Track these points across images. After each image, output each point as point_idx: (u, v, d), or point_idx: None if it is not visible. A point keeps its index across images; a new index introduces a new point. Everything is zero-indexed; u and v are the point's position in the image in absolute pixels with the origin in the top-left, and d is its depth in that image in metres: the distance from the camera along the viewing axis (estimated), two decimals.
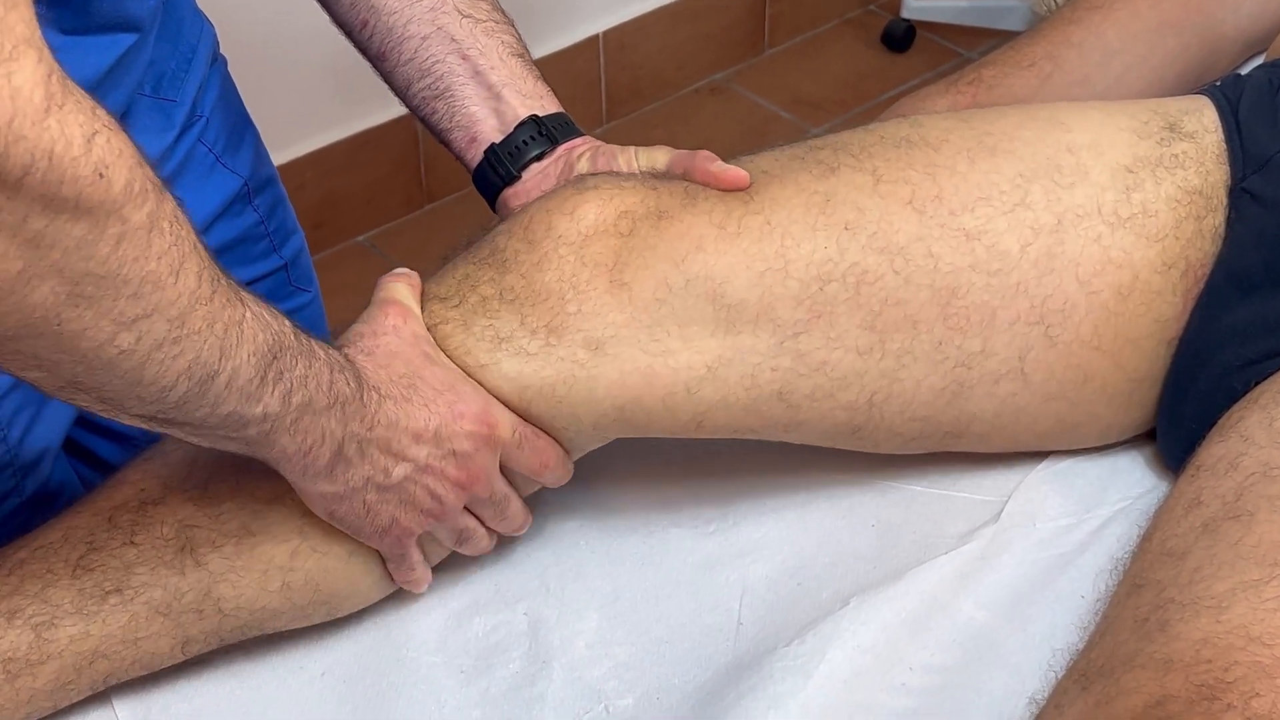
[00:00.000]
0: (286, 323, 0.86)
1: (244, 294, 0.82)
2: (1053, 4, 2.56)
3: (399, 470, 0.94)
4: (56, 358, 0.74)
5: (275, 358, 0.83)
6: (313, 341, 0.88)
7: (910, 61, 2.72)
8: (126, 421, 0.82)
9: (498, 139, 1.11)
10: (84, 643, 0.95)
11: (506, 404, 0.98)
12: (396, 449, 0.93)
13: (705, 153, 1.05)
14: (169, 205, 0.75)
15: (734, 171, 1.03)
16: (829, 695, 0.95)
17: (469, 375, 0.98)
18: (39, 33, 0.67)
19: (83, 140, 0.68)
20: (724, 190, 1.02)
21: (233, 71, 1.24)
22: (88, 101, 0.69)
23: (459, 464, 0.96)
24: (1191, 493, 0.96)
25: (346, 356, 0.92)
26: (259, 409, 0.84)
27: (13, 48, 0.65)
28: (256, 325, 0.82)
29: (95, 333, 0.73)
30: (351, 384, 0.90)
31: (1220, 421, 1.01)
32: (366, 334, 0.97)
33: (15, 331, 0.72)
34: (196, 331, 0.77)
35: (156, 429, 0.83)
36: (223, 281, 0.80)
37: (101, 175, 0.69)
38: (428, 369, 0.96)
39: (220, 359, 0.79)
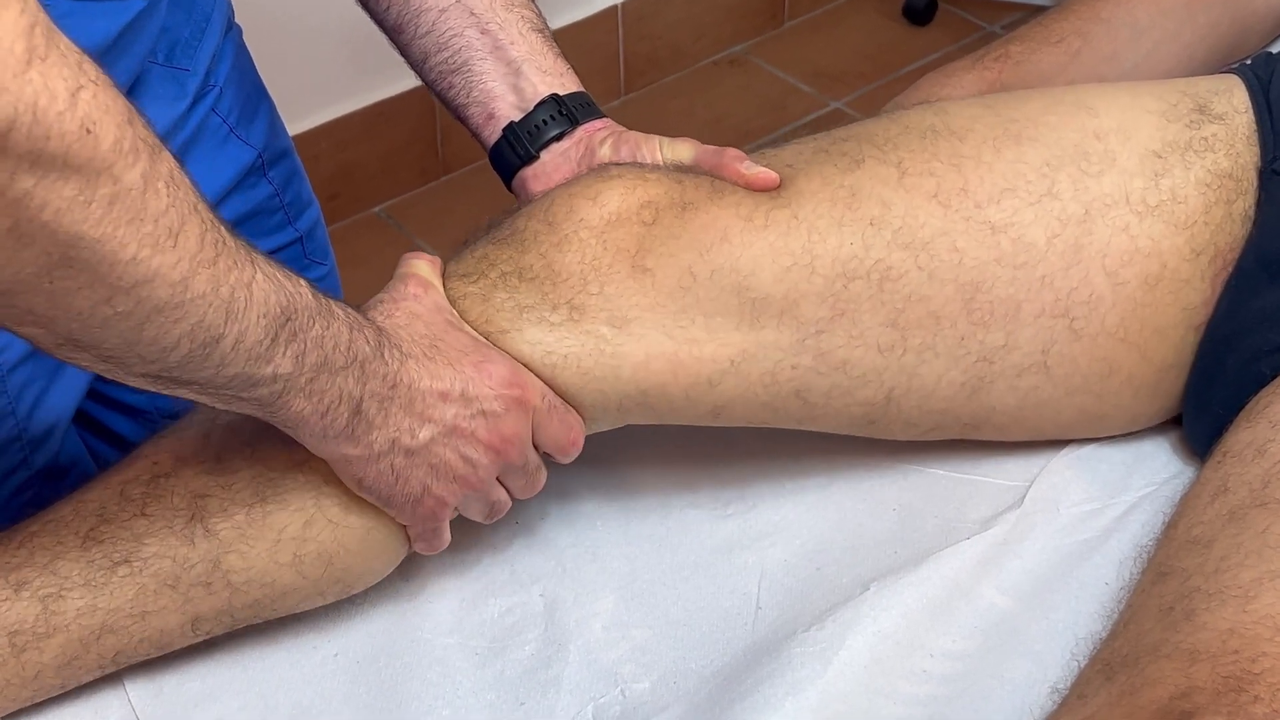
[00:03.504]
0: (303, 283, 0.85)
1: (256, 255, 0.82)
2: None
3: (425, 432, 0.92)
4: (51, 314, 0.74)
5: (288, 319, 0.83)
6: (332, 302, 0.87)
7: (931, 34, 2.72)
8: (130, 382, 0.81)
9: (516, 117, 1.10)
10: (91, 616, 0.94)
11: (531, 370, 0.97)
12: (420, 409, 0.92)
13: (734, 151, 1.04)
14: (165, 165, 0.74)
15: (765, 173, 1.02)
16: (848, 681, 0.95)
17: (493, 343, 0.97)
18: None
19: (67, 95, 0.67)
20: (754, 191, 1.02)
21: (247, 41, 1.23)
22: (74, 54, 0.68)
23: (490, 426, 0.94)
24: (1218, 479, 0.96)
25: (367, 315, 0.92)
26: (269, 369, 0.83)
27: None
28: (268, 287, 0.81)
29: (90, 294, 0.73)
30: (371, 342, 0.89)
31: (1248, 407, 1.01)
32: (387, 300, 0.96)
33: (7, 287, 0.71)
34: (200, 295, 0.77)
35: (162, 389, 0.82)
36: (229, 243, 0.79)
37: (89, 131, 0.69)
38: (450, 333, 0.95)
39: (226, 322, 0.79)
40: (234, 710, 0.98)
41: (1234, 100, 1.09)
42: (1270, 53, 1.15)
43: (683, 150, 1.07)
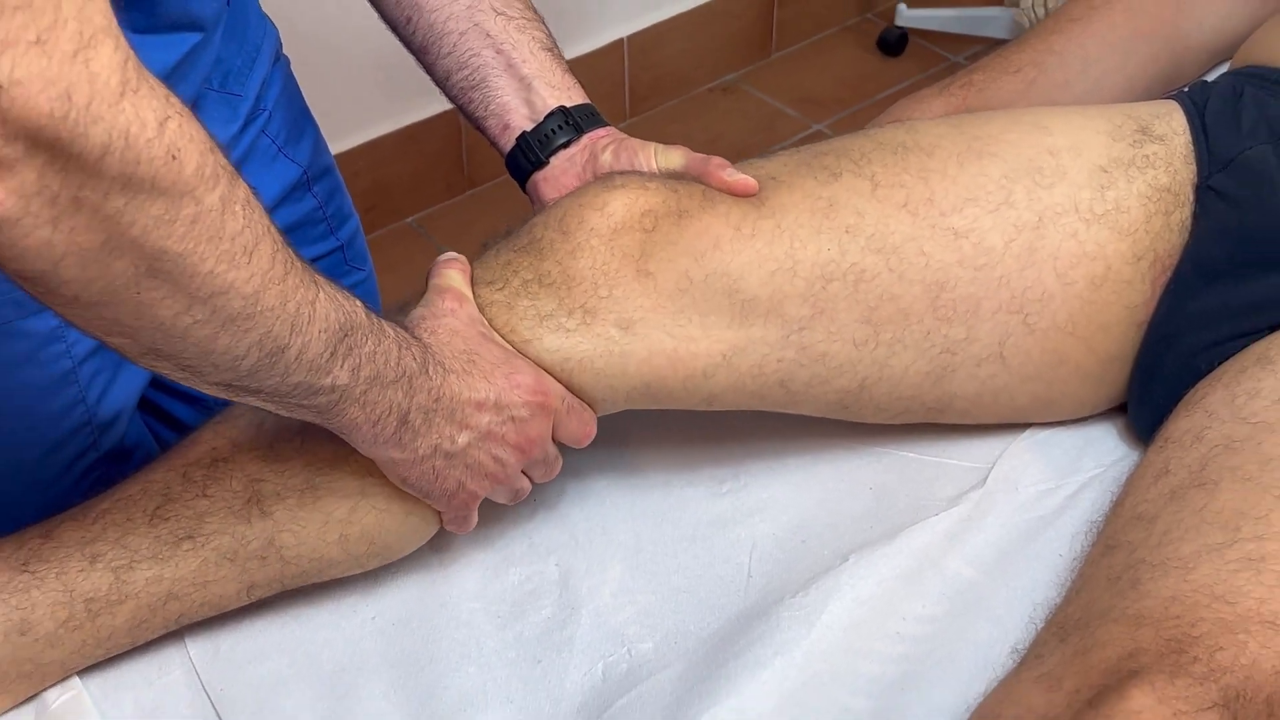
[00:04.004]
0: (359, 304, 0.85)
1: (319, 278, 0.81)
2: (1033, 14, 2.54)
3: (463, 438, 0.93)
4: (136, 324, 0.73)
5: (345, 335, 0.82)
6: (383, 322, 0.87)
7: (903, 65, 2.71)
8: (204, 390, 0.81)
9: (528, 127, 1.09)
10: (158, 585, 0.94)
11: (551, 375, 0.97)
12: (460, 418, 0.92)
13: (718, 159, 1.04)
14: (241, 191, 0.74)
15: (744, 180, 1.02)
16: (830, 642, 0.95)
17: (517, 350, 0.97)
18: (115, 23, 0.66)
19: (156, 124, 0.67)
20: (734, 196, 1.01)
21: (295, 70, 1.23)
22: (161, 89, 0.68)
23: (518, 430, 0.95)
24: (1160, 462, 0.96)
25: (414, 336, 0.91)
26: (328, 380, 0.83)
27: (91, 36, 0.64)
28: (329, 305, 0.81)
29: (171, 303, 0.73)
30: (417, 359, 0.89)
31: (1186, 398, 1.01)
32: (429, 316, 0.96)
33: (99, 298, 0.71)
34: (270, 309, 0.76)
35: (233, 397, 0.82)
36: (297, 264, 0.79)
37: (174, 157, 0.68)
38: (484, 347, 0.95)
39: (291, 334, 0.78)
40: (283, 667, 0.98)
41: (1173, 123, 1.08)
42: (1205, 81, 1.15)
43: (675, 157, 1.07)
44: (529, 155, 1.10)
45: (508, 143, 1.10)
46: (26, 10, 0.62)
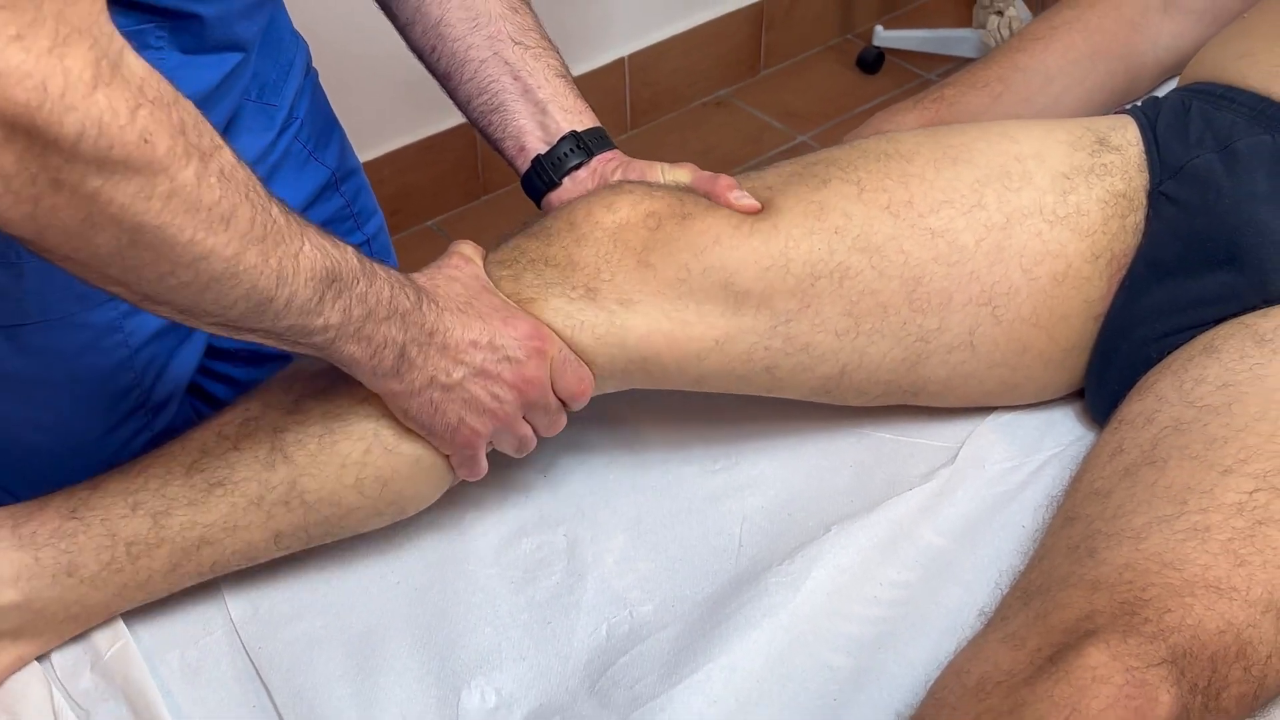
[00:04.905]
0: (350, 251, 0.84)
1: (308, 229, 0.81)
2: (999, 35, 2.53)
3: (458, 372, 0.91)
4: (127, 280, 0.74)
5: (334, 280, 0.82)
6: (376, 265, 0.87)
7: (880, 81, 2.71)
8: (204, 328, 0.81)
9: (543, 149, 1.09)
10: (192, 530, 0.94)
11: (554, 331, 0.96)
12: (454, 353, 0.91)
13: (727, 179, 1.03)
14: (219, 161, 0.74)
15: (749, 201, 1.01)
16: (813, 606, 0.95)
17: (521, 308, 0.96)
18: (100, 24, 0.67)
19: (128, 112, 0.68)
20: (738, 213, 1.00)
21: (325, 85, 1.22)
22: (136, 81, 0.69)
23: (514, 370, 0.93)
24: (1115, 442, 0.96)
25: (409, 277, 0.91)
26: (319, 321, 0.82)
27: (67, 34, 0.65)
28: (315, 255, 0.81)
29: (155, 268, 0.73)
30: (411, 298, 0.88)
31: (1139, 383, 1.01)
32: (431, 268, 0.96)
33: (89, 262, 0.72)
34: (251, 266, 0.76)
35: (230, 334, 0.82)
36: (279, 221, 0.78)
37: (146, 141, 0.69)
38: (483, 295, 0.94)
39: (277, 286, 0.78)
40: (317, 627, 0.98)
41: (1128, 135, 1.08)
42: (1156, 96, 1.15)
43: (682, 174, 1.06)
44: (542, 176, 1.09)
45: (523, 164, 1.10)
46: (9, 9, 0.63)
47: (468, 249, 0.99)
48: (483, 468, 0.98)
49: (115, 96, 0.67)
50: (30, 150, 0.65)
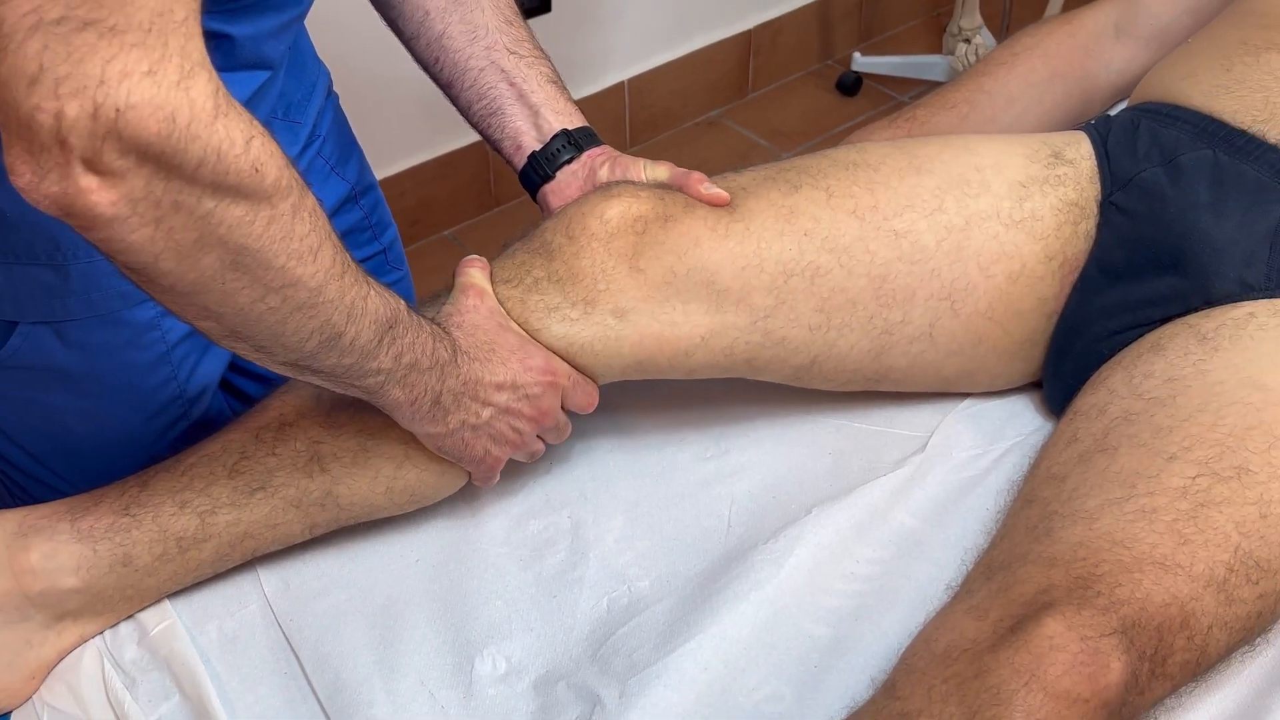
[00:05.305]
0: (402, 302, 0.86)
1: (369, 279, 0.82)
2: (966, 61, 2.55)
3: (486, 413, 0.94)
4: (221, 311, 0.74)
5: (390, 327, 0.83)
6: (421, 318, 0.88)
7: (858, 103, 2.71)
8: (273, 368, 0.81)
9: (537, 147, 1.10)
10: (236, 527, 0.95)
11: (559, 356, 0.98)
12: (483, 397, 0.93)
13: (698, 175, 1.04)
14: (310, 200, 0.75)
15: (717, 192, 1.02)
16: (796, 581, 0.96)
17: (530, 337, 0.98)
18: (208, 59, 0.67)
19: (243, 142, 0.68)
20: (710, 205, 1.02)
21: (352, 108, 1.23)
22: (246, 114, 0.69)
23: (532, 404, 0.96)
24: (1070, 431, 0.96)
25: (445, 329, 0.92)
26: (374, 364, 0.84)
27: (190, 68, 0.65)
28: (378, 301, 0.82)
29: (250, 292, 0.73)
30: (448, 351, 0.90)
31: (1092, 378, 1.01)
32: (455, 313, 0.96)
33: (191, 288, 0.72)
34: (330, 300, 0.77)
35: (297, 375, 0.83)
36: (352, 266, 0.80)
37: (257, 170, 0.69)
38: (503, 336, 0.96)
39: (347, 323, 0.79)
40: (342, 601, 0.99)
41: (1081, 149, 1.08)
42: (1108, 115, 1.14)
43: (660, 171, 1.07)
44: (538, 171, 1.10)
45: (520, 161, 1.11)
46: (141, 47, 0.63)
47: (479, 276, 0.99)
48: (496, 480, 1.01)
49: (232, 127, 0.68)
50: (157, 175, 0.66)
